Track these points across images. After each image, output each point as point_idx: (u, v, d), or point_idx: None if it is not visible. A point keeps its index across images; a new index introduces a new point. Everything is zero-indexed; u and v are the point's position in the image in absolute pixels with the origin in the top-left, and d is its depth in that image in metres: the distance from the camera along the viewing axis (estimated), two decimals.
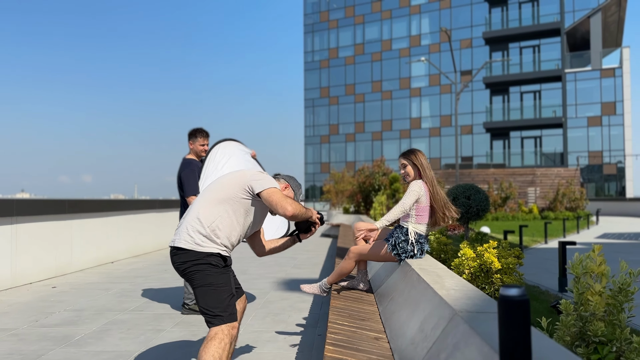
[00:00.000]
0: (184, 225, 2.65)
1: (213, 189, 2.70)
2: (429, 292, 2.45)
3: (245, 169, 2.82)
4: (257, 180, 2.65)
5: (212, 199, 2.64)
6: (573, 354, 1.39)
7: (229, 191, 2.65)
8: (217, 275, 2.60)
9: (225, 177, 2.72)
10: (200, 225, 2.60)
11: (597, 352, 2.27)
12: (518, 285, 1.32)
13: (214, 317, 2.55)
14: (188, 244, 2.59)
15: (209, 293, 2.56)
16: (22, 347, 3.93)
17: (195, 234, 2.60)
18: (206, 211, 2.62)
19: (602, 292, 2.35)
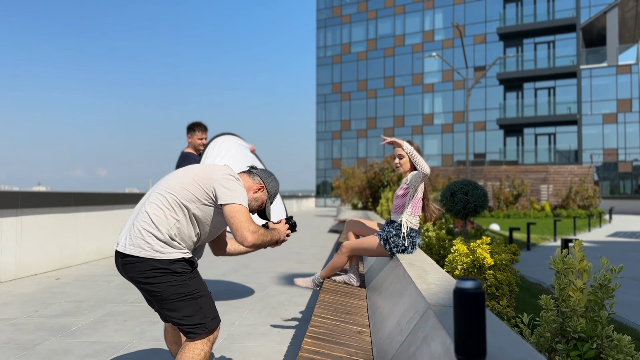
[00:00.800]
0: (136, 228, 2.25)
1: (171, 186, 2.32)
2: (410, 286, 2.44)
3: (219, 167, 2.43)
4: (224, 189, 2.29)
5: (169, 199, 2.27)
6: (530, 347, 1.37)
7: (189, 193, 2.29)
8: (187, 282, 2.27)
9: (189, 173, 2.36)
10: (156, 230, 2.22)
11: (577, 348, 2.24)
12: (474, 278, 1.31)
13: (195, 326, 2.27)
14: (145, 252, 2.20)
15: (182, 304, 2.25)
16: (18, 336, 3.98)
17: (152, 238, 2.21)
18: (161, 213, 2.24)
19: (584, 289, 2.32)
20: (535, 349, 1.43)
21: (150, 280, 2.21)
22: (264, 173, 2.61)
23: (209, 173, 2.35)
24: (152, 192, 2.35)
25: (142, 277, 2.22)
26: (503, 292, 3.60)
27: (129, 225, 2.31)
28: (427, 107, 47.07)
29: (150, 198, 2.32)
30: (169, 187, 2.31)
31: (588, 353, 2.22)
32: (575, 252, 2.30)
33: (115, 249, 2.31)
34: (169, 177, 2.39)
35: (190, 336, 2.28)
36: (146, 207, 2.28)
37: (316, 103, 52.06)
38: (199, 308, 2.28)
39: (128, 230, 2.29)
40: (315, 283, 3.89)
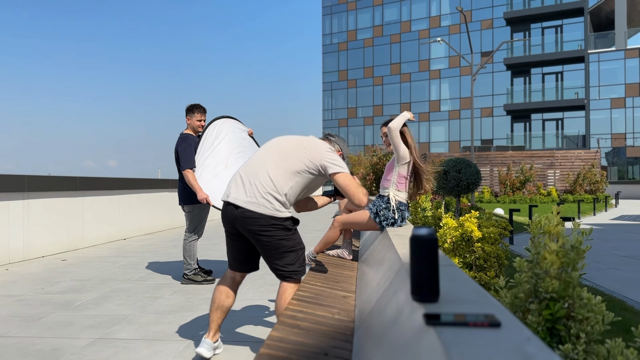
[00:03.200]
0: (257, 188, 2.69)
1: (287, 154, 2.75)
2: (391, 251, 2.54)
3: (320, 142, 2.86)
4: (331, 162, 2.76)
5: (287, 169, 2.71)
6: (485, 292, 1.47)
7: (302, 164, 2.73)
8: (293, 236, 2.78)
9: (299, 146, 2.78)
10: (277, 192, 2.68)
11: (549, 307, 2.34)
12: (429, 227, 1.41)
13: (293, 273, 2.78)
14: (268, 210, 2.66)
15: (286, 255, 2.75)
16: (24, 310, 4.14)
17: (273, 200, 2.68)
18: (281, 179, 2.70)
19: (559, 251, 2.41)
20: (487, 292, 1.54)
21: (267, 233, 2.69)
22: (340, 140, 3.14)
23: (315, 148, 2.78)
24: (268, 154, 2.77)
25: (262, 230, 2.68)
26: (491, 264, 3.69)
27: (247, 183, 2.73)
28: (433, 94, 46.88)
29: (268, 161, 2.74)
30: (285, 155, 2.75)
31: (559, 312, 2.32)
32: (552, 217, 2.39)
33: (230, 202, 2.73)
34: (283, 143, 2.83)
35: (288, 280, 2.79)
36: (269, 172, 2.71)
37: (322, 91, 51.99)
38: (298, 258, 2.83)
39: (248, 188, 2.71)
40: (309, 258, 4.00)
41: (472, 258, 3.69)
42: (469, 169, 5.27)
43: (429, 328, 1.14)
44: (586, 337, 2.37)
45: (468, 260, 3.71)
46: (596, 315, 2.30)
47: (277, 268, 2.78)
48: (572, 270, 2.41)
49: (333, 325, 2.19)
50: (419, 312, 1.30)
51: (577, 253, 2.39)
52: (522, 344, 1.00)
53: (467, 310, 1.28)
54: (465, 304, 1.35)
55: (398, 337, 1.38)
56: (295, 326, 2.10)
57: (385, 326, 1.63)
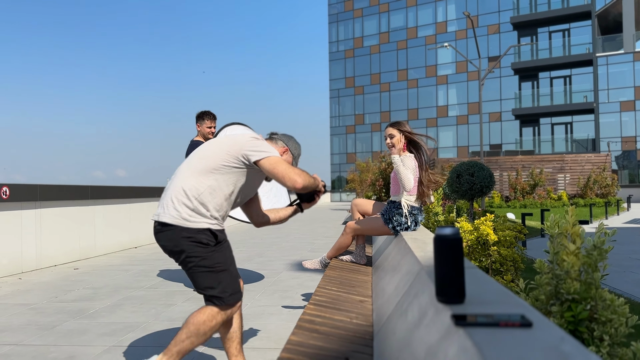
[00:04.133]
0: (168, 197, 2.34)
1: (201, 156, 2.38)
2: (409, 254, 2.52)
3: (239, 134, 2.46)
4: (254, 149, 2.35)
5: (200, 168, 2.33)
6: (510, 292, 1.44)
7: (219, 159, 2.34)
8: (210, 254, 2.32)
9: (214, 143, 2.42)
10: (186, 197, 2.30)
11: (571, 309, 2.30)
12: (453, 226, 1.39)
13: (214, 298, 2.33)
14: (174, 219, 2.28)
15: (203, 276, 2.32)
16: (39, 319, 4.14)
17: (182, 207, 2.29)
18: (192, 181, 2.32)
19: (577, 252, 2.37)
20: (512, 293, 1.51)
21: (176, 249, 2.29)
22: (285, 137, 2.65)
23: (233, 139, 2.41)
24: (184, 164, 2.42)
25: (170, 245, 2.30)
26: (507, 267, 3.65)
27: (164, 194, 2.40)
28: (441, 99, 46.80)
29: (181, 169, 2.40)
30: (199, 157, 2.38)
31: (582, 314, 2.28)
32: (569, 218, 2.36)
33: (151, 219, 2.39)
34: (199, 149, 2.46)
35: (208, 304, 2.36)
36: (178, 178, 2.37)
37: (329, 98, 52.06)
38: (219, 282, 2.33)
39: (162, 199, 2.39)
40: (322, 264, 3.99)
41: (488, 262, 3.65)
42: (482, 172, 5.24)
43: (459, 329, 1.11)
44: (610, 339, 2.33)
45: (484, 264, 3.67)
46: (619, 318, 2.26)
47: (198, 290, 2.36)
48: (594, 271, 2.38)
49: (352, 329, 2.16)
50: (446, 313, 1.28)
51: (599, 253, 2.35)
52: (557, 343, 0.98)
53: (495, 310, 1.25)
54: (492, 305, 1.32)
55: (423, 339, 1.36)
56: (314, 330, 2.07)
57: (408, 329, 1.60)
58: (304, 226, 14.54)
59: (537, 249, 8.25)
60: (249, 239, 10.70)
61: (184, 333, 2.31)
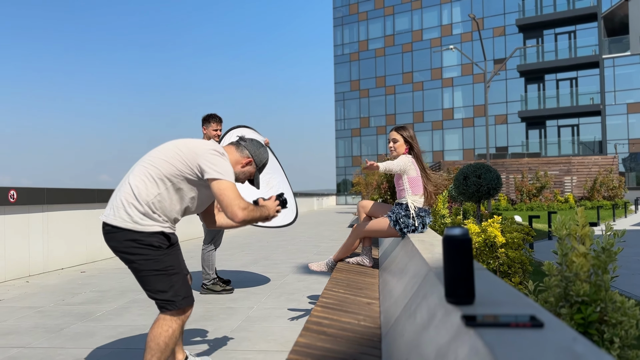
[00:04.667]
0: (119, 199, 2.29)
1: (155, 160, 2.33)
2: (416, 256, 2.50)
3: (204, 143, 2.41)
4: (210, 164, 2.29)
5: (152, 173, 2.30)
6: (519, 293, 1.43)
7: (173, 167, 2.31)
8: (162, 257, 2.30)
9: (171, 147, 2.37)
10: (136, 201, 2.26)
11: (581, 312, 2.28)
12: (462, 227, 1.38)
13: (166, 302, 2.31)
14: (125, 223, 2.24)
15: (155, 279, 2.29)
16: (46, 322, 4.15)
17: (132, 210, 2.25)
18: (143, 186, 2.28)
19: (587, 254, 2.36)
20: (522, 294, 1.50)
21: (127, 251, 2.26)
22: (252, 145, 2.56)
23: (192, 148, 2.34)
24: (137, 165, 2.37)
25: (121, 247, 2.26)
26: (515, 270, 3.63)
27: (113, 196, 2.36)
28: (446, 102, 46.73)
29: (134, 170, 2.34)
30: (153, 161, 2.33)
31: (591, 316, 2.26)
32: (578, 219, 2.34)
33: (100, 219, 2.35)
34: (155, 150, 2.40)
35: (162, 311, 2.33)
36: (129, 179, 2.31)
37: (335, 101, 52.08)
38: (171, 285, 2.31)
39: (112, 200, 2.33)
40: (329, 266, 3.98)
41: (495, 264, 3.63)
42: (489, 174, 5.21)
43: (469, 329, 1.10)
44: (620, 342, 2.31)
45: (492, 266, 3.65)
46: (630, 320, 2.24)
47: (150, 295, 2.32)
48: (603, 272, 2.36)
49: (359, 331, 2.15)
50: (455, 314, 1.27)
51: (609, 255, 2.33)
52: (569, 343, 0.96)
53: (505, 311, 1.24)
54: (502, 306, 1.31)
55: (433, 340, 1.35)
56: (322, 332, 2.06)
57: (416, 331, 1.59)
58: (309, 229, 14.53)
59: (544, 251, 8.21)
60: (254, 242, 10.70)
61: (148, 354, 2.31)
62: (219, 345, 3.42)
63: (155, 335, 2.31)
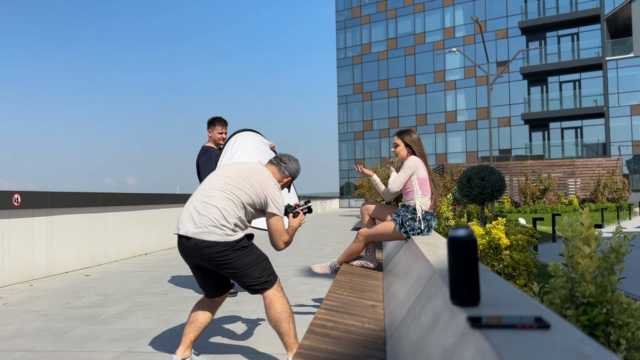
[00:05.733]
0: (208, 217, 2.73)
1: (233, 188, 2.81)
2: (421, 259, 2.50)
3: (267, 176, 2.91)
4: (274, 200, 2.87)
5: (234, 200, 2.78)
6: (524, 294, 1.42)
7: (248, 197, 2.82)
8: (251, 252, 2.83)
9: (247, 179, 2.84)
10: (225, 221, 2.73)
11: (587, 313, 2.27)
12: (467, 227, 1.37)
13: (264, 284, 2.82)
14: (219, 237, 2.71)
15: (251, 270, 2.78)
16: (50, 325, 4.15)
17: (223, 228, 2.73)
18: (232, 209, 2.76)
19: (593, 255, 2.34)
20: (528, 296, 1.49)
21: (224, 258, 2.73)
22: (291, 165, 3.13)
23: (261, 182, 2.87)
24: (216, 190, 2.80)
25: (218, 255, 2.72)
26: (520, 272, 3.62)
27: (196, 214, 2.76)
28: (449, 105, 46.69)
29: (218, 196, 2.79)
30: (231, 189, 2.81)
31: (597, 318, 2.25)
32: (584, 220, 2.33)
33: (182, 234, 2.76)
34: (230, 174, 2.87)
35: (262, 292, 2.83)
36: (215, 202, 2.76)
37: (338, 104, 52.10)
38: (264, 269, 2.84)
39: (197, 218, 2.75)
40: (332, 268, 3.97)
41: (500, 266, 3.62)
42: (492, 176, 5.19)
43: (475, 331, 1.10)
44: (626, 343, 2.29)
45: (496, 268, 3.63)
46: (636, 321, 2.23)
47: (248, 285, 2.82)
48: (610, 274, 2.34)
49: (364, 334, 2.14)
50: (461, 316, 1.26)
51: (617, 256, 2.32)
52: (576, 344, 0.96)
53: (511, 312, 1.23)
54: (508, 307, 1.30)
55: (438, 342, 1.34)
56: (326, 335, 2.06)
57: (421, 333, 1.58)
58: (313, 232, 14.52)
59: (548, 253, 8.18)
60: (258, 245, 10.69)
61: (285, 323, 2.79)
62: (223, 349, 3.41)
63: (279, 308, 2.81)
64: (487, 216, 5.60)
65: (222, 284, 3.02)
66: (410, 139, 3.69)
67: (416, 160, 3.57)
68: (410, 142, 3.68)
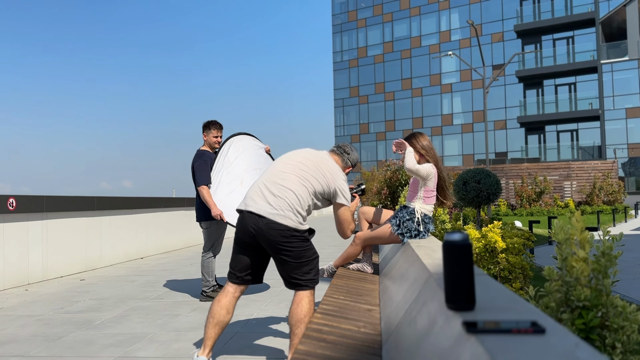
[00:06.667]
0: (285, 201, 2.78)
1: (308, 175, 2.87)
2: (416, 262, 2.49)
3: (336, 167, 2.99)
4: (343, 191, 2.96)
5: (308, 186, 2.85)
6: (520, 298, 1.42)
7: (320, 186, 2.88)
8: (310, 246, 2.90)
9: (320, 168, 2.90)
10: (301, 207, 2.81)
11: (582, 317, 2.27)
12: (462, 231, 1.37)
13: (308, 281, 2.87)
14: (293, 223, 2.77)
15: (304, 264, 2.84)
16: (45, 330, 4.13)
17: (297, 214, 2.79)
18: (305, 197, 2.83)
19: (587, 258, 2.35)
20: (524, 300, 1.49)
21: (290, 245, 2.78)
22: (353, 156, 3.20)
23: (332, 173, 2.93)
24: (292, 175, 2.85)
25: (285, 241, 2.76)
26: (516, 275, 3.62)
27: (271, 196, 2.81)
28: (446, 108, 46.80)
29: (295, 180, 2.84)
30: (306, 176, 2.87)
31: (593, 321, 2.25)
32: (576, 224, 2.33)
33: (253, 211, 2.78)
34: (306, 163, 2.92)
35: (304, 288, 2.86)
36: (294, 188, 2.82)
37: (334, 107, 52.18)
38: (314, 267, 2.91)
39: (273, 201, 2.79)
40: (329, 272, 3.96)
41: (496, 269, 3.62)
42: (488, 179, 5.21)
43: (470, 336, 1.09)
44: (622, 347, 2.29)
45: (492, 271, 3.63)
46: (632, 325, 2.23)
47: (294, 277, 2.85)
48: (604, 277, 2.35)
49: (360, 338, 2.14)
50: (456, 320, 1.26)
51: (609, 259, 2.32)
52: (571, 349, 0.96)
53: (506, 317, 1.23)
54: (503, 312, 1.30)
55: (433, 347, 1.34)
56: (322, 340, 2.05)
57: (417, 337, 1.58)
58: None
59: (544, 256, 8.19)
60: None
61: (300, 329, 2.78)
62: (219, 352, 3.40)
63: (307, 310, 2.82)
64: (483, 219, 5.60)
65: (260, 273, 3.04)
66: (420, 146, 3.51)
67: (431, 171, 3.43)
68: (420, 149, 3.50)
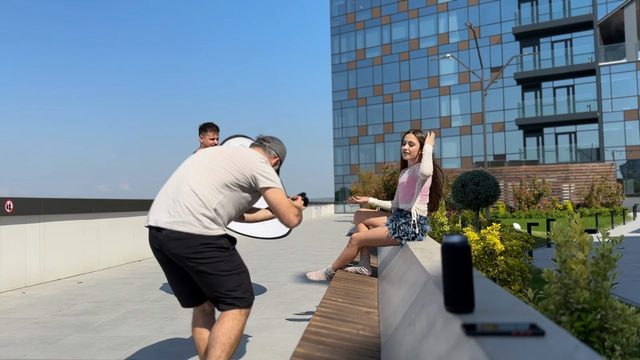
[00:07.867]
0: (183, 205, 2.32)
1: (211, 167, 2.42)
2: (415, 264, 2.49)
3: (251, 152, 2.52)
4: (263, 173, 2.44)
5: (213, 181, 2.38)
6: (518, 300, 1.42)
7: (231, 176, 2.41)
8: (231, 257, 2.38)
9: (223, 156, 2.47)
10: (204, 207, 2.31)
11: (581, 319, 2.26)
12: (460, 234, 1.36)
13: (236, 299, 2.36)
14: (196, 228, 2.27)
15: (226, 279, 2.34)
16: (42, 333, 4.11)
17: (201, 216, 2.29)
18: (208, 193, 2.35)
19: (586, 261, 2.34)
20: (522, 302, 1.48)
21: (198, 256, 2.28)
22: (276, 145, 2.76)
23: (245, 158, 2.46)
24: (192, 171, 2.43)
25: (191, 253, 2.27)
26: (514, 277, 3.61)
27: (170, 201, 2.36)
28: (444, 110, 46.85)
29: (193, 177, 2.40)
30: (212, 169, 2.42)
31: (592, 324, 2.24)
32: (575, 226, 2.32)
33: (153, 225, 2.33)
34: (209, 156, 2.49)
35: (229, 308, 2.36)
36: (192, 186, 2.36)
37: (332, 110, 52.18)
38: (241, 283, 2.39)
39: (171, 207, 2.34)
40: (327, 275, 3.95)
41: (495, 272, 3.61)
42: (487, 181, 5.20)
43: (469, 339, 1.09)
44: (621, 349, 2.29)
45: (491, 274, 3.63)
46: (631, 327, 2.22)
47: (217, 296, 2.35)
48: (603, 279, 2.34)
49: (358, 341, 2.13)
50: (455, 323, 1.25)
51: (608, 262, 2.32)
52: (570, 352, 0.95)
53: (505, 320, 1.23)
54: (502, 314, 1.29)
55: (432, 350, 1.33)
56: (320, 342, 2.04)
57: (416, 340, 1.57)
58: (308, 238, 14.49)
59: (543, 259, 8.18)
60: (253, 250, 10.66)
61: (218, 349, 2.29)
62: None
63: (226, 329, 2.32)
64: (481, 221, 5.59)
65: (199, 291, 2.55)
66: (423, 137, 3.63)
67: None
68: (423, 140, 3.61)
